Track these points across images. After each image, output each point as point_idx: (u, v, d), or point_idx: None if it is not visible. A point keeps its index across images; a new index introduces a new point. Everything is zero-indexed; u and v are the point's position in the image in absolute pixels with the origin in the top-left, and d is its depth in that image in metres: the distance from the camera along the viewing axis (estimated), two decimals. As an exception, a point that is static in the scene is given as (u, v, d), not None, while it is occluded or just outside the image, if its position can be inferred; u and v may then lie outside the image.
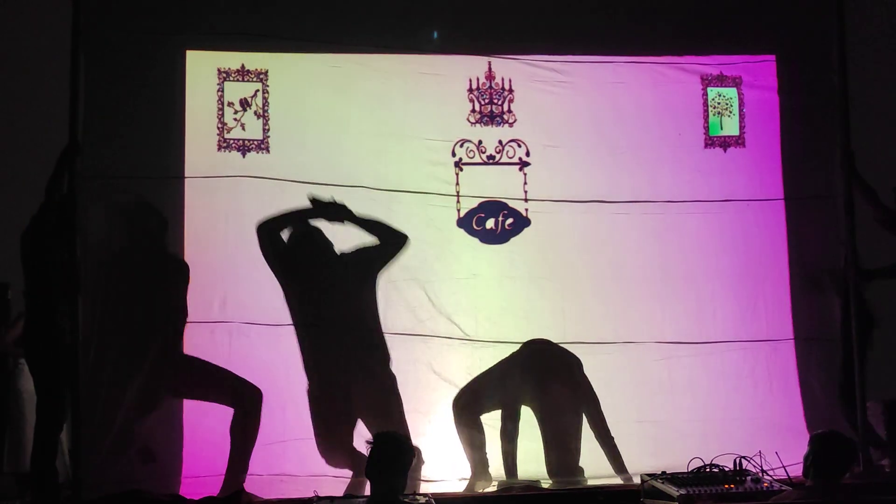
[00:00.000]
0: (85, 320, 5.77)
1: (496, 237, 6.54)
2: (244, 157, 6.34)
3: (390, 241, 6.31)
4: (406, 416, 6.15)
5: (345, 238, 6.32)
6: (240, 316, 6.14)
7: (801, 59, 6.79)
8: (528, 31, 6.60)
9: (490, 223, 6.52)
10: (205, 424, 6.02)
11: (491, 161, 6.62)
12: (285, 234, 6.27)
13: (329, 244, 6.29)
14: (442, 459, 6.17)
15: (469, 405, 6.23)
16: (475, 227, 6.50)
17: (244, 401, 5.97)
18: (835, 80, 6.36)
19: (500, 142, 6.63)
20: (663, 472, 5.28)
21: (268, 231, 6.22)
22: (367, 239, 6.31)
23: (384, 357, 6.24)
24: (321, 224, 6.30)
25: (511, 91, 6.66)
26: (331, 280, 6.26)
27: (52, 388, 5.60)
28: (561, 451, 6.17)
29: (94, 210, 6.01)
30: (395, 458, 4.47)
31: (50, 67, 6.58)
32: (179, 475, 5.93)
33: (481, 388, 6.26)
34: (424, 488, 5.83)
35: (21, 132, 7.24)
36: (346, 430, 6.14)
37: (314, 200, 6.25)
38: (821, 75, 6.57)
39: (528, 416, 6.26)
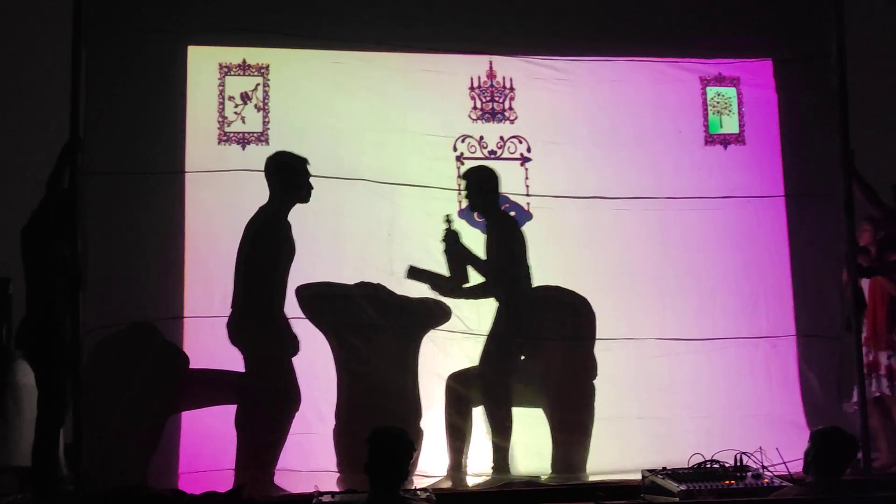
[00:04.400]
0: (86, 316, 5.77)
1: (498, 230, 6.51)
2: (244, 149, 6.34)
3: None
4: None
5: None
6: (241, 310, 6.10)
7: (799, 61, 6.77)
8: (528, 31, 6.61)
9: (492, 216, 6.50)
10: (203, 420, 6.01)
11: (492, 156, 6.62)
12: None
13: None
14: (442, 454, 6.14)
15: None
16: (477, 219, 6.49)
17: (250, 396, 5.95)
18: (833, 80, 6.35)
19: (502, 138, 6.64)
20: (664, 468, 5.27)
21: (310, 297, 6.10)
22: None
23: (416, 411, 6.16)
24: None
25: (512, 89, 6.67)
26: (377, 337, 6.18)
27: (53, 383, 5.59)
28: (568, 445, 6.17)
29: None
30: (394, 454, 4.46)
31: (51, 62, 6.60)
32: (177, 470, 5.90)
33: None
34: (425, 483, 5.81)
35: (22, 127, 7.26)
36: None
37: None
38: (819, 76, 6.56)
39: (531, 411, 6.26)
